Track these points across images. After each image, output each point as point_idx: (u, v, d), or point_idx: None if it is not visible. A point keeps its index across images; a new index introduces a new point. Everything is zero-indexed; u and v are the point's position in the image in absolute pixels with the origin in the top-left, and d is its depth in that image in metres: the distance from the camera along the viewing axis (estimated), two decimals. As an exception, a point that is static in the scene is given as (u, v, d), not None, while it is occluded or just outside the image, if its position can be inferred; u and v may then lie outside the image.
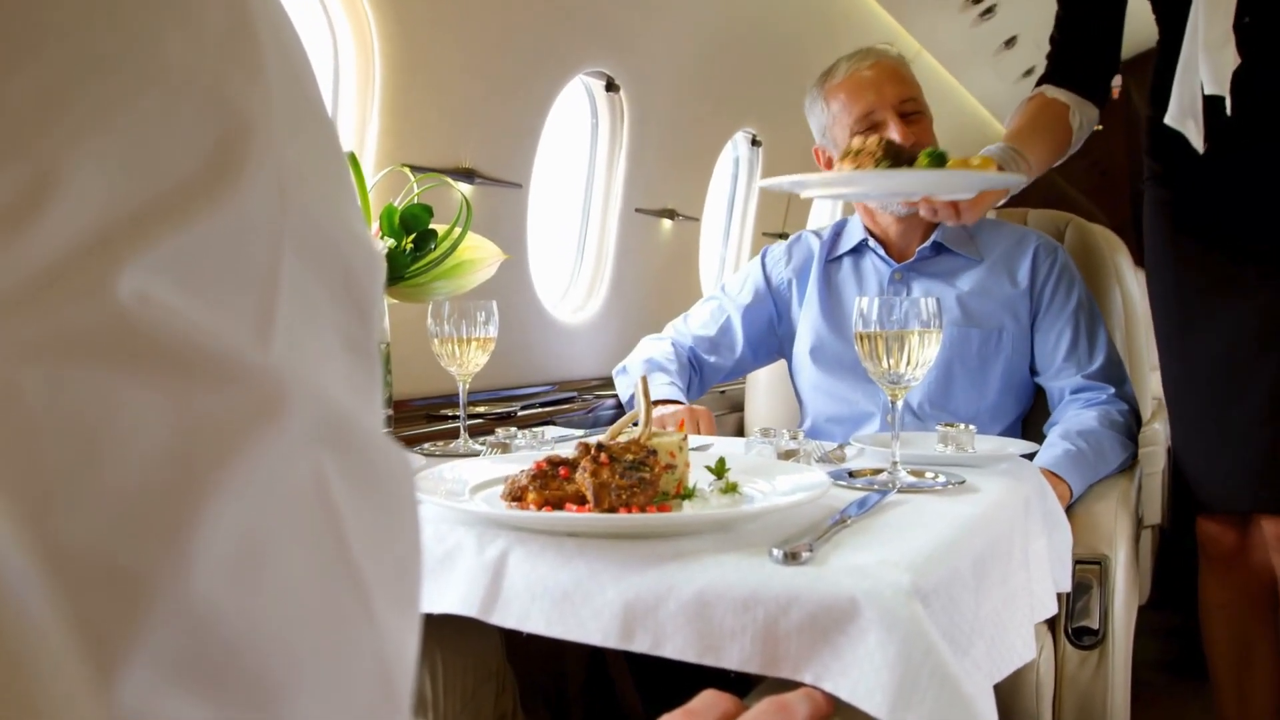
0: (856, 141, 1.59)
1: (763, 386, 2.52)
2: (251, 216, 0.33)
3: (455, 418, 1.76)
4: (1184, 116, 1.72)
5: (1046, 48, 1.98)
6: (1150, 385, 2.56)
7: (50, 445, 0.28)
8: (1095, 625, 1.70)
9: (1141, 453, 2.06)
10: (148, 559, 0.29)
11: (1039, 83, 1.92)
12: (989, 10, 4.04)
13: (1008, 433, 2.00)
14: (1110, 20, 1.90)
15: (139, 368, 0.30)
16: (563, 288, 2.78)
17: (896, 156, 1.54)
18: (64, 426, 0.29)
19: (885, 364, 1.27)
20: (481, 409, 1.99)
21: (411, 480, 0.39)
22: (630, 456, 1.07)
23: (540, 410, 2.07)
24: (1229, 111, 1.65)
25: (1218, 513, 1.84)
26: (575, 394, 2.39)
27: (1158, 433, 3.42)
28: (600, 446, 1.08)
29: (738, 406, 2.69)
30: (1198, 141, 1.69)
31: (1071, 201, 6.53)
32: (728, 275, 3.62)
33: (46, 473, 0.28)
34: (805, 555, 0.91)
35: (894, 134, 1.91)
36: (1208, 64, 1.66)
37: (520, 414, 2.01)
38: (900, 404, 1.31)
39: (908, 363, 1.27)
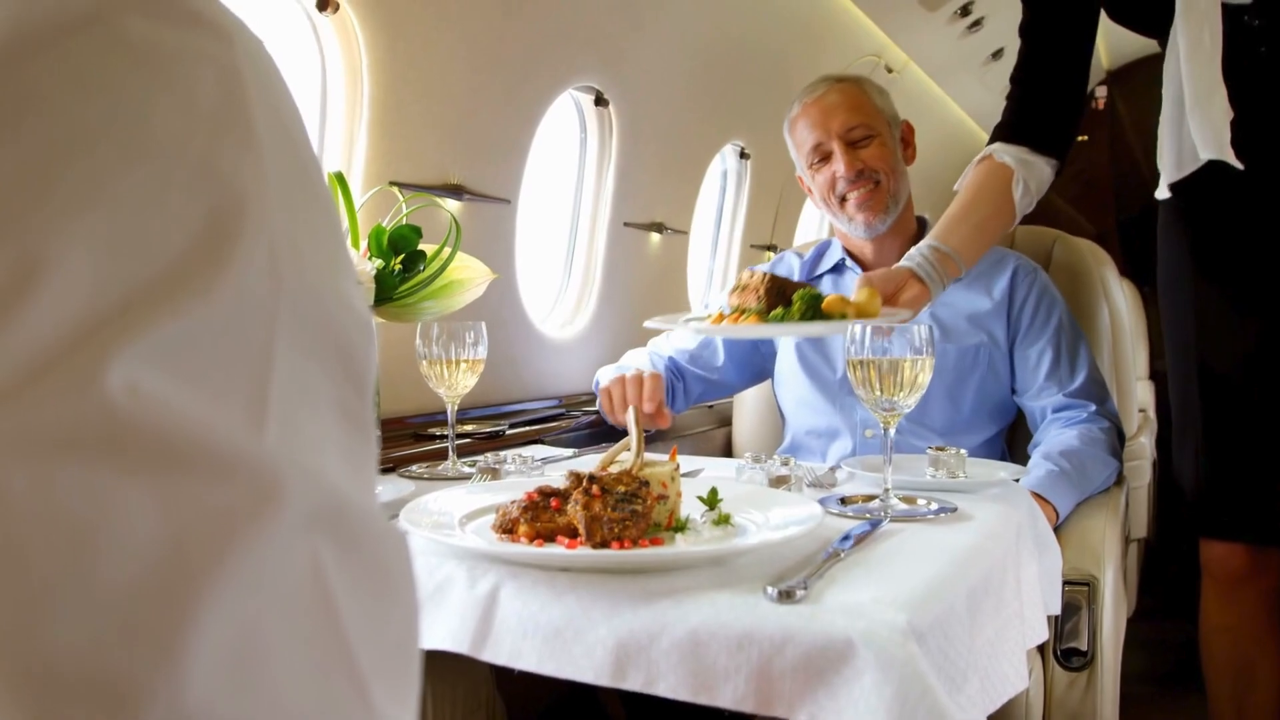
0: (744, 275, 1.60)
1: (749, 403, 2.53)
2: (244, 297, 0.32)
3: (443, 437, 1.75)
4: (1180, 166, 1.69)
5: None
6: (1137, 396, 2.57)
7: (38, 547, 0.27)
8: (1084, 647, 1.70)
9: (1127, 467, 2.07)
10: (140, 666, 0.28)
11: (993, 136, 1.85)
12: (977, 23, 4.05)
13: (986, 448, 2.02)
14: (1076, 72, 1.84)
15: (130, 464, 0.29)
16: (550, 302, 2.77)
17: (780, 293, 1.54)
18: (52, 527, 0.28)
19: (878, 391, 1.27)
20: (469, 427, 1.98)
21: (407, 559, 0.38)
22: (622, 488, 1.06)
23: (528, 429, 2.06)
24: (1239, 165, 1.60)
25: (1233, 538, 1.79)
26: (564, 410, 2.38)
27: (1143, 446, 3.45)
28: (592, 478, 1.07)
29: (725, 421, 2.69)
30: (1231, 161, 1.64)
31: (1055, 210, 6.55)
32: (714, 292, 3.63)
33: (34, 577, 0.27)
34: (800, 594, 0.90)
35: (839, 165, 1.98)
36: (1197, 126, 1.62)
37: (508, 433, 2.00)
38: (892, 430, 1.31)
39: (900, 389, 1.27)
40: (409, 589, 0.38)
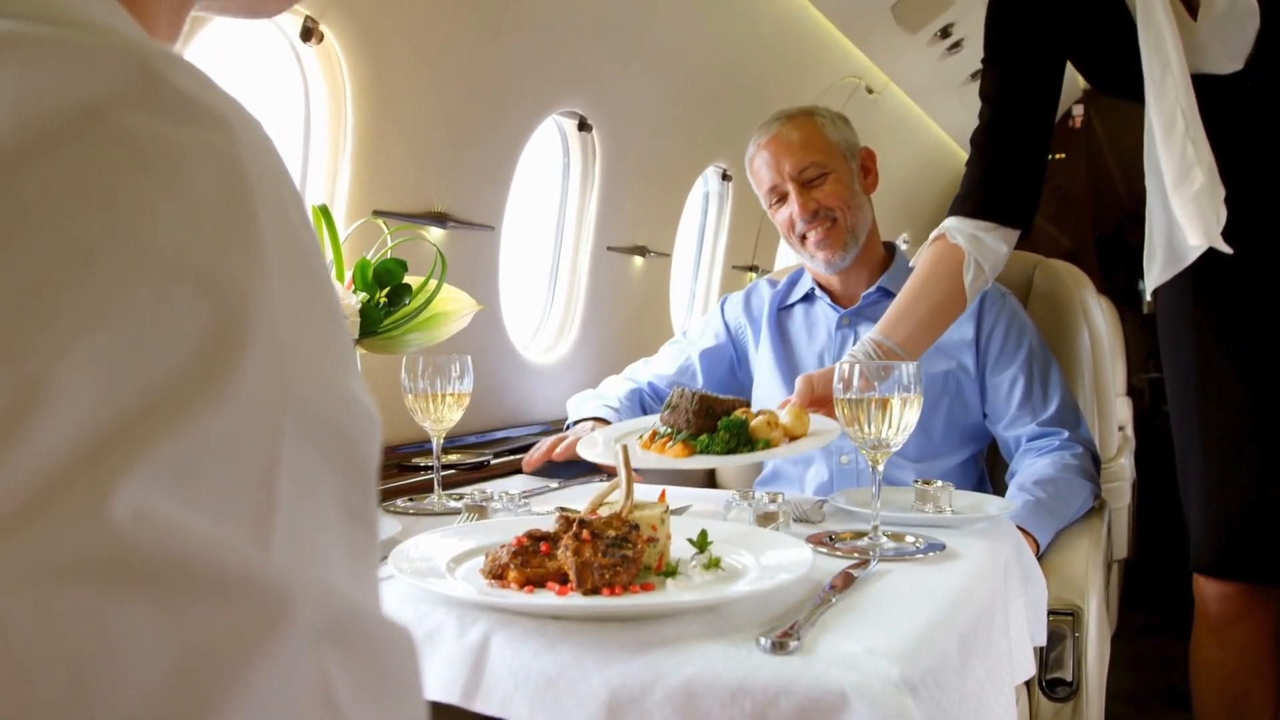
0: (675, 394, 1.61)
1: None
2: (249, 409, 0.32)
3: (428, 468, 1.74)
4: (1172, 258, 1.65)
5: None
6: (1116, 414, 2.58)
7: (41, 680, 0.27)
8: (1069, 677, 1.71)
9: (1108, 488, 2.08)
10: None
11: (953, 208, 1.81)
12: (957, 44, 4.08)
13: (962, 470, 2.03)
14: (1041, 140, 1.80)
15: (135, 591, 0.28)
16: (534, 328, 2.76)
17: (709, 413, 1.55)
18: (55, 659, 0.27)
19: (867, 430, 1.27)
20: (454, 458, 1.97)
21: (413, 661, 0.38)
22: (612, 532, 1.06)
23: (512, 458, 2.05)
24: (1228, 250, 1.57)
25: (1231, 578, 1.79)
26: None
27: (1123, 468, 3.45)
28: (582, 522, 1.06)
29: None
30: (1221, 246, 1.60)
31: (1032, 226, 6.62)
32: (695, 315, 3.64)
33: (38, 708, 0.27)
34: (793, 644, 0.90)
35: (794, 206, 1.99)
36: (1180, 210, 1.59)
37: (493, 462, 1.99)
38: (880, 468, 1.31)
39: (889, 428, 1.27)
40: (415, 692, 0.38)
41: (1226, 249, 1.58)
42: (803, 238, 2.03)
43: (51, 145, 0.30)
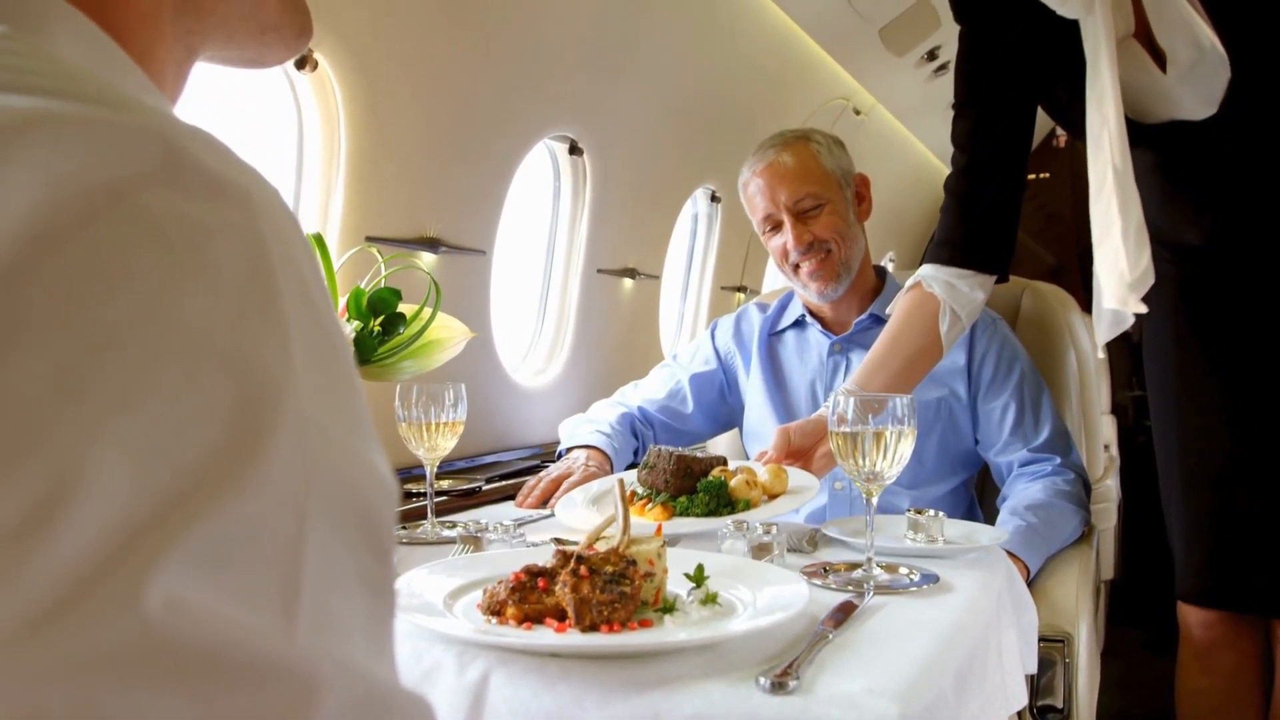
0: (652, 454, 1.61)
1: (721, 449, 2.53)
2: (276, 492, 0.32)
3: (421, 495, 1.74)
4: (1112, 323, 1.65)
5: None
6: (1102, 433, 2.60)
7: None
8: (1060, 704, 1.71)
9: (1095, 509, 2.09)
10: None
11: (928, 254, 1.81)
12: (943, 67, 4.11)
13: (952, 496, 2.04)
14: (1015, 183, 1.79)
15: (168, 681, 0.29)
16: (524, 350, 2.77)
17: (688, 473, 1.56)
18: None
19: (862, 462, 1.28)
20: (446, 484, 1.97)
21: None
22: (610, 568, 1.06)
23: (504, 483, 2.05)
24: (1141, 309, 1.58)
25: (1212, 606, 1.80)
26: (539, 462, 2.37)
27: (1110, 489, 3.47)
28: (580, 558, 1.06)
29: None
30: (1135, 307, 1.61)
31: (1017, 243, 6.66)
32: (684, 340, 3.65)
33: None
34: (792, 684, 0.90)
35: (789, 237, 1.98)
36: (1100, 267, 1.59)
37: (485, 488, 1.99)
38: (875, 500, 1.32)
39: (884, 460, 1.28)
40: None
41: (1140, 308, 1.59)
42: (796, 267, 2.03)
43: (79, 227, 0.30)
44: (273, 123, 1.91)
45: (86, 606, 0.28)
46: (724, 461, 1.61)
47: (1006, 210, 1.78)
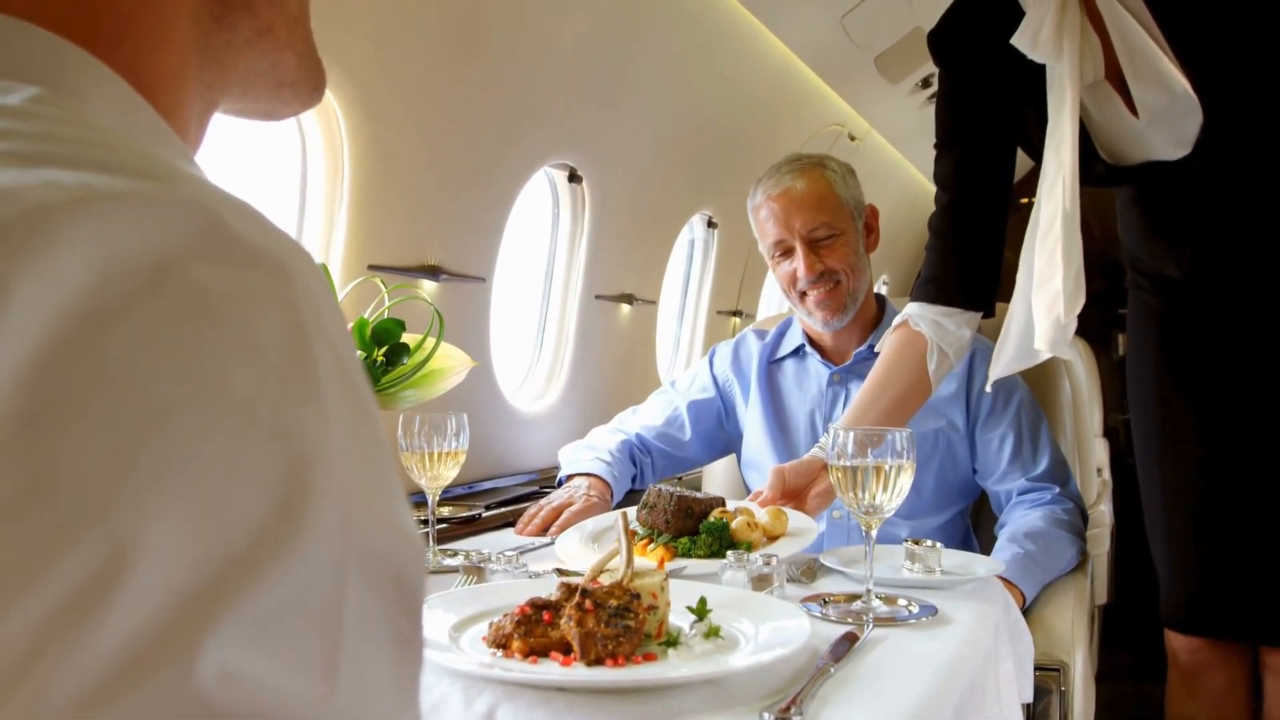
0: (652, 494, 1.62)
1: (719, 475, 2.55)
2: (318, 557, 0.33)
3: (424, 522, 1.74)
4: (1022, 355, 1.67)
5: None
6: (1095, 456, 2.62)
7: None
8: (1055, 733, 1.73)
9: (1089, 535, 2.10)
10: None
11: (915, 292, 1.83)
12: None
13: (949, 526, 2.05)
14: (998, 221, 1.80)
15: None
16: (522, 376, 2.78)
17: (688, 513, 1.57)
18: None
19: (861, 495, 1.30)
20: (446, 511, 1.98)
21: None
22: (614, 602, 1.07)
23: (504, 509, 2.06)
24: (1069, 356, 1.63)
25: (1196, 633, 1.82)
26: (537, 488, 2.38)
27: (1103, 514, 3.49)
28: (584, 592, 1.08)
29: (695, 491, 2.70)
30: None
31: (1008, 267, 6.68)
32: (680, 364, 3.66)
33: None
34: (795, 719, 0.91)
35: (801, 265, 1.99)
36: (1037, 312, 1.60)
37: (485, 515, 2.00)
38: (875, 533, 1.33)
39: (884, 493, 1.29)
40: None
41: (1068, 355, 1.63)
42: (803, 294, 2.03)
43: (129, 302, 0.31)
44: (277, 151, 1.93)
45: (144, 679, 0.28)
46: (723, 502, 1.62)
47: (990, 248, 1.80)
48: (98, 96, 0.45)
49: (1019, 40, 1.55)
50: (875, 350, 2.02)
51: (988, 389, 1.80)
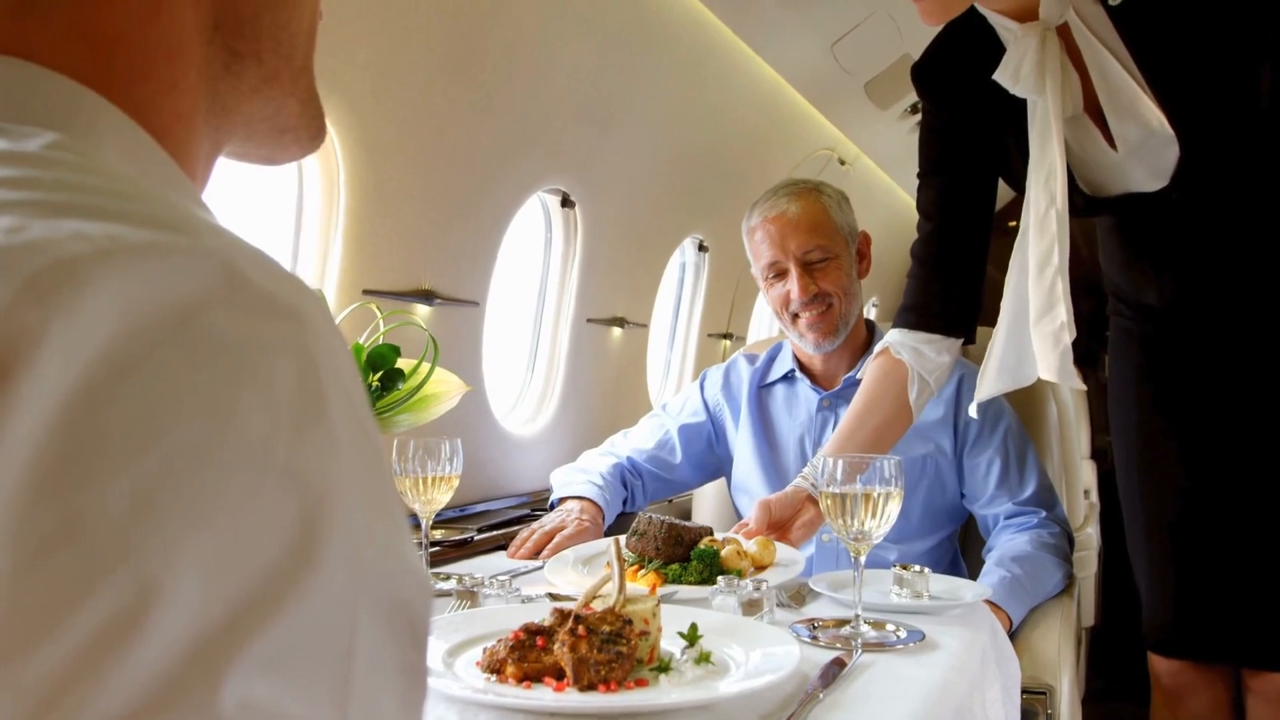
0: (643, 521, 1.63)
1: (709, 498, 2.56)
2: (331, 594, 0.35)
3: (417, 545, 1.76)
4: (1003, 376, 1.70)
5: None
6: (1082, 478, 2.63)
7: None
8: (1041, 757, 1.74)
9: (1076, 557, 2.11)
10: None
11: (897, 319, 1.86)
12: (926, 119, 4.19)
13: (937, 550, 2.06)
14: (980, 249, 1.83)
15: None
16: (514, 399, 2.79)
17: (678, 541, 1.59)
18: None
19: (850, 522, 1.31)
20: (438, 534, 1.99)
21: None
22: (607, 628, 1.09)
23: (496, 533, 2.08)
24: (1081, 386, 1.66)
25: (1179, 656, 1.83)
26: (528, 511, 2.39)
27: (1090, 537, 3.51)
28: (577, 618, 1.09)
29: (685, 515, 2.72)
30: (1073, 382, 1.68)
31: (996, 286, 6.72)
32: (671, 387, 3.68)
33: None
34: (786, 745, 0.93)
35: (794, 287, 2.01)
36: (1038, 344, 1.62)
37: (477, 538, 2.01)
38: (863, 559, 1.35)
39: (873, 519, 1.31)
40: None
41: (1079, 385, 1.69)
42: (795, 316, 2.06)
43: (151, 350, 0.32)
44: (273, 176, 1.94)
45: (169, 709, 0.30)
46: (711, 530, 1.64)
47: (971, 275, 1.83)
48: (111, 141, 0.46)
49: (1001, 75, 1.59)
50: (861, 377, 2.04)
51: (972, 412, 1.82)
